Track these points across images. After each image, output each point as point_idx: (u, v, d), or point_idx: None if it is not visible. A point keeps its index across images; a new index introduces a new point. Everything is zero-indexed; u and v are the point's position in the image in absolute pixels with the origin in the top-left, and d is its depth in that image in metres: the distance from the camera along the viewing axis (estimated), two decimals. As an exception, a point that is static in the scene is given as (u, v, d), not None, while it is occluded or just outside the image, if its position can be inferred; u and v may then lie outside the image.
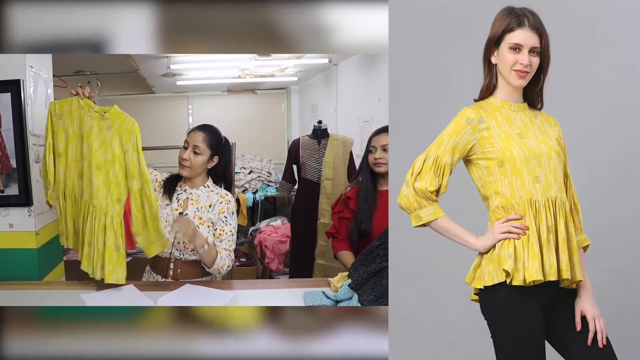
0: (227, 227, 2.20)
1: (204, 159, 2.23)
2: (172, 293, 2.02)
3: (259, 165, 5.58)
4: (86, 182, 2.13)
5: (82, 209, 2.15)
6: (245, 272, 4.51)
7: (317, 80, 5.55)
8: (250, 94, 6.60)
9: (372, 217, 2.37)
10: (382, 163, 2.38)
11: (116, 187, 2.09)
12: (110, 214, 2.09)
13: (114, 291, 2.08)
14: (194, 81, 5.59)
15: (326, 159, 3.65)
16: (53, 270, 2.50)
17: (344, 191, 2.56)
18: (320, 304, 1.93)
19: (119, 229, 2.10)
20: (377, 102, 3.75)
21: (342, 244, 2.46)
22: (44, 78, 2.45)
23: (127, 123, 2.07)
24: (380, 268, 1.81)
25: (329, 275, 2.21)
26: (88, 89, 2.16)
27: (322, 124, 3.78)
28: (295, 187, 4.07)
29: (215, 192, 2.26)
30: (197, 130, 2.26)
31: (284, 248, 4.52)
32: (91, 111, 2.11)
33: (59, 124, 2.16)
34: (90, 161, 2.10)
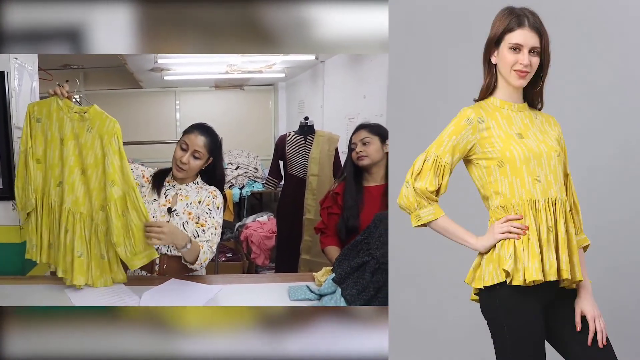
0: (210, 219, 2.19)
1: (202, 163, 2.21)
2: (158, 287, 2.02)
3: (246, 161, 5.59)
4: (68, 189, 2.00)
5: (64, 218, 2.00)
6: (232, 267, 4.52)
7: (304, 77, 5.57)
8: (238, 90, 6.60)
9: (360, 213, 2.40)
10: (364, 156, 2.42)
11: (100, 193, 1.98)
12: (95, 221, 2.00)
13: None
14: (182, 76, 5.58)
15: (312, 155, 3.67)
16: (38, 265, 2.49)
17: (332, 187, 2.59)
18: (304, 298, 1.95)
19: (102, 237, 2.00)
20: (363, 99, 3.78)
21: (330, 239, 2.48)
22: (29, 70, 2.44)
23: (108, 123, 1.96)
24: (362, 262, 1.83)
25: (314, 270, 2.22)
26: (67, 87, 2.03)
27: (309, 121, 3.80)
28: (282, 183, 4.09)
29: (204, 188, 2.26)
30: (198, 133, 2.18)
31: (270, 243, 4.54)
32: (71, 112, 1.99)
33: (37, 127, 2.02)
34: (71, 166, 1.99)
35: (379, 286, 1.75)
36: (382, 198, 2.40)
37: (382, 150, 2.45)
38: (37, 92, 2.50)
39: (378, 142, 2.43)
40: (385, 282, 1.75)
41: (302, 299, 1.95)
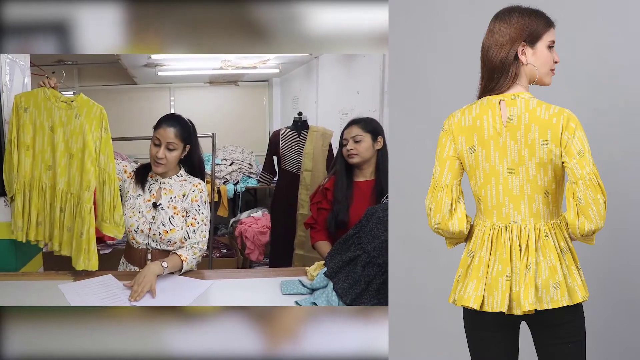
0: (200, 215, 2.21)
1: (179, 153, 2.20)
2: (150, 282, 2.03)
3: (240, 157, 5.58)
4: (60, 172, 2.19)
5: (59, 198, 2.21)
6: (226, 262, 4.54)
7: (299, 72, 5.56)
8: (233, 85, 6.59)
9: (349, 208, 2.40)
10: (354, 154, 2.42)
11: (86, 175, 2.14)
12: (81, 200, 2.16)
13: (91, 281, 2.09)
14: (176, 72, 5.57)
15: (306, 150, 3.68)
16: (30, 261, 2.49)
17: (322, 182, 2.59)
18: (296, 292, 1.97)
19: (87, 216, 2.15)
20: (357, 94, 3.79)
21: (320, 234, 2.49)
22: (21, 66, 2.43)
23: (95, 110, 2.14)
24: (354, 256, 1.84)
25: (308, 265, 2.23)
26: (54, 79, 2.19)
27: (302, 116, 3.80)
28: (275, 179, 4.09)
29: (188, 180, 2.26)
30: (166, 126, 2.16)
31: (264, 239, 4.54)
32: (58, 101, 2.16)
33: (25, 117, 2.18)
34: (62, 151, 2.17)
35: (369, 279, 1.75)
36: (372, 193, 2.41)
37: (373, 148, 2.44)
38: (29, 87, 2.50)
39: (369, 140, 2.43)
40: (376, 276, 1.76)
41: (294, 293, 1.96)
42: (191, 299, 1.93)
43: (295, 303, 1.88)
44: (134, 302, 1.88)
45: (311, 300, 1.86)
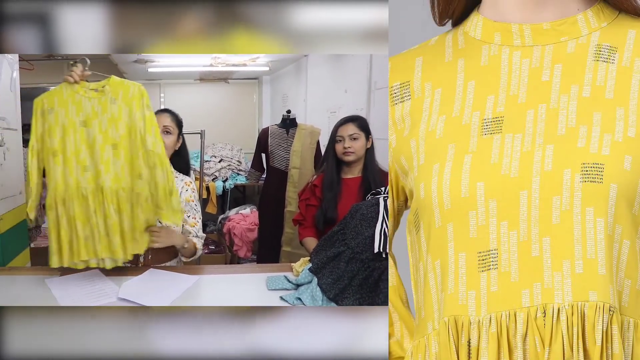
0: (198, 214, 2.24)
1: (175, 138, 2.25)
2: (137, 278, 2.04)
3: (229, 154, 5.60)
4: (104, 169, 1.88)
5: (110, 199, 1.88)
6: (214, 259, 4.56)
7: (288, 70, 5.59)
8: (223, 83, 6.60)
9: (337, 205, 2.43)
10: (351, 152, 2.45)
11: (136, 161, 1.88)
12: (136, 190, 1.89)
13: (77, 275, 2.10)
14: (166, 69, 5.57)
15: (294, 148, 3.70)
16: (17, 256, 2.50)
17: (311, 179, 2.62)
18: (281, 288, 1.99)
19: (145, 203, 1.90)
20: (344, 93, 3.82)
21: (308, 231, 2.52)
22: (9, 59, 2.44)
23: (132, 89, 1.89)
24: (338, 252, 1.86)
25: (295, 261, 2.26)
26: (78, 71, 1.93)
27: (291, 114, 3.83)
28: (264, 176, 4.12)
29: (179, 178, 2.28)
30: (160, 113, 2.26)
31: (252, 236, 4.57)
32: (88, 91, 1.90)
33: (50, 119, 1.87)
34: (101, 145, 1.87)
35: (352, 275, 1.78)
36: (359, 190, 2.45)
37: (365, 146, 2.48)
38: (17, 82, 2.51)
39: (364, 139, 2.47)
40: (359, 271, 1.78)
41: (279, 288, 1.99)
42: (179, 293, 1.95)
43: (280, 298, 1.90)
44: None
45: (296, 296, 1.88)
